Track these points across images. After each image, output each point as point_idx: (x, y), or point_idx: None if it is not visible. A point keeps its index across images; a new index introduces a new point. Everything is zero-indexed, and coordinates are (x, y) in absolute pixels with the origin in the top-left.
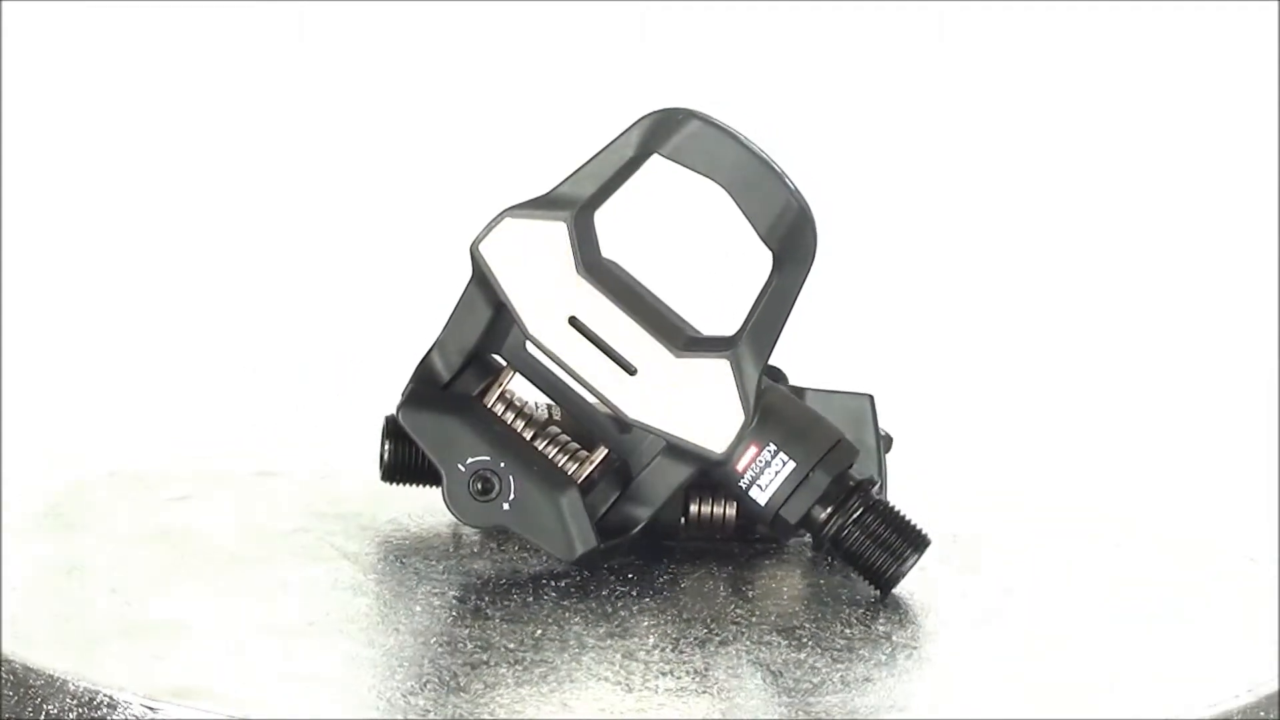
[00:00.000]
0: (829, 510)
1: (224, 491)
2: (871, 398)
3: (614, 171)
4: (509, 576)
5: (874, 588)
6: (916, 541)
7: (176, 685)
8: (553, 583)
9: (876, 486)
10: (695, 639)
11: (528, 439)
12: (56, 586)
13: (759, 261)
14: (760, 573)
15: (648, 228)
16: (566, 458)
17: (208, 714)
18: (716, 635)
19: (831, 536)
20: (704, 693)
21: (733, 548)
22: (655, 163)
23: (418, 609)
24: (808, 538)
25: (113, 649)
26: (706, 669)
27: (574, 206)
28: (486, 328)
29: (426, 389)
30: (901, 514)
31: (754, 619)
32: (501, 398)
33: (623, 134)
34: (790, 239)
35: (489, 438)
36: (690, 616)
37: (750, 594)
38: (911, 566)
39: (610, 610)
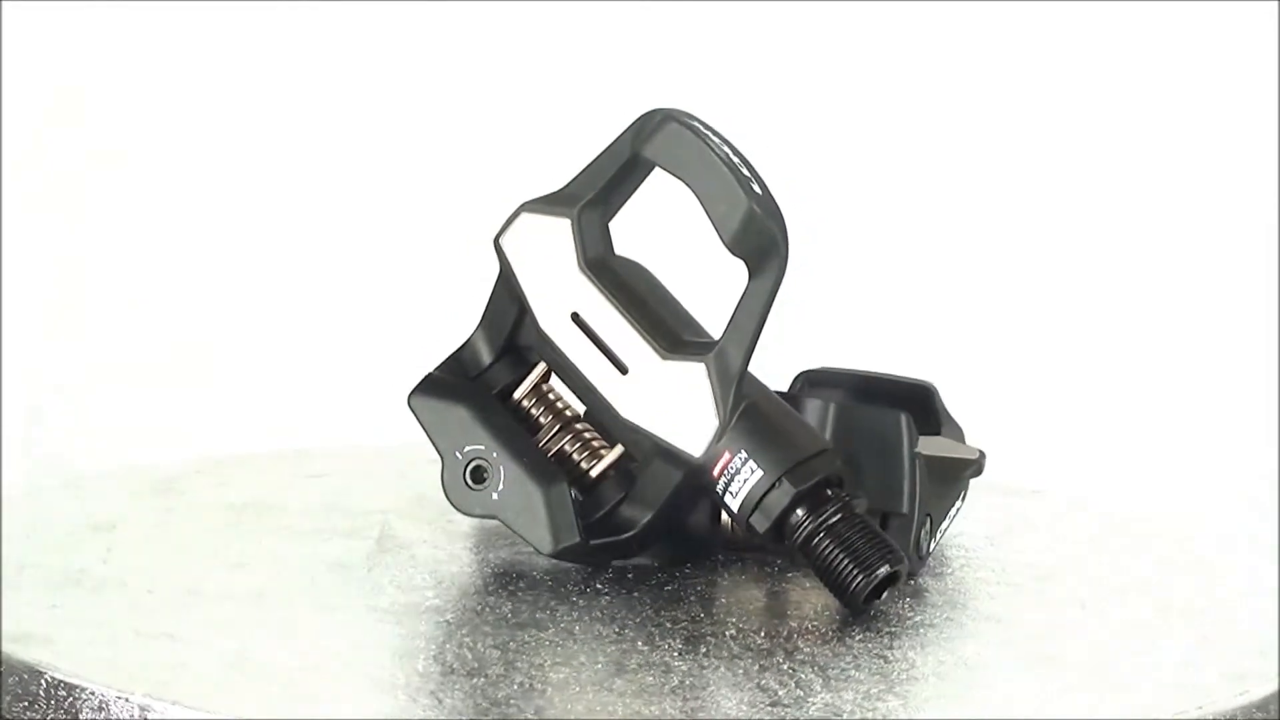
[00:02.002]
0: (799, 517)
1: (368, 471)
2: (904, 415)
3: (615, 171)
4: (509, 568)
5: (844, 605)
6: (891, 557)
7: (21, 631)
8: (534, 577)
9: (855, 500)
10: (591, 636)
11: (553, 432)
12: (69, 539)
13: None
14: (770, 587)
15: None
16: (585, 454)
17: (32, 661)
18: (614, 634)
19: (799, 545)
20: (521, 686)
21: (776, 560)
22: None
23: (368, 589)
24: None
25: (23, 595)
26: (554, 665)
27: (579, 203)
28: (516, 320)
29: (442, 377)
30: (877, 529)
31: (678, 626)
32: (535, 390)
33: (623, 133)
34: (755, 247)
35: (486, 427)
36: (614, 617)
37: (717, 603)
38: (882, 579)
39: (545, 603)
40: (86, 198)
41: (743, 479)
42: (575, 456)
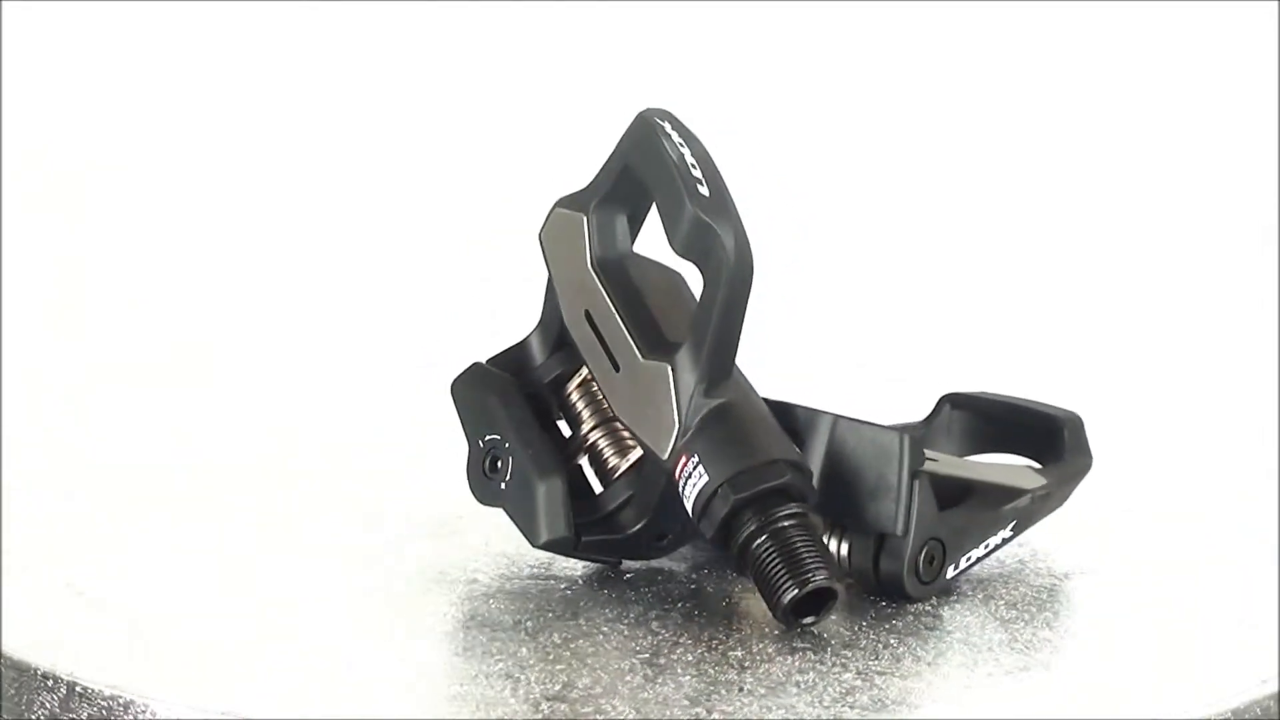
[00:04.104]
0: (740, 524)
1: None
2: (902, 435)
3: (620, 170)
4: (508, 564)
5: (777, 618)
6: (825, 571)
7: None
8: (531, 574)
9: (809, 515)
10: (503, 626)
11: (590, 427)
12: (93, 502)
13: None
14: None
15: None
16: (615, 451)
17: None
18: (533, 626)
19: (738, 552)
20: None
21: None
22: None
23: (358, 568)
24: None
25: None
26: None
27: (593, 200)
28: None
29: (483, 366)
30: (820, 543)
31: (608, 624)
32: (582, 385)
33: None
34: (701, 251)
35: (503, 417)
36: (561, 613)
37: (681, 608)
38: (813, 593)
39: (509, 593)
40: (86, 198)
41: (692, 483)
42: (606, 453)
